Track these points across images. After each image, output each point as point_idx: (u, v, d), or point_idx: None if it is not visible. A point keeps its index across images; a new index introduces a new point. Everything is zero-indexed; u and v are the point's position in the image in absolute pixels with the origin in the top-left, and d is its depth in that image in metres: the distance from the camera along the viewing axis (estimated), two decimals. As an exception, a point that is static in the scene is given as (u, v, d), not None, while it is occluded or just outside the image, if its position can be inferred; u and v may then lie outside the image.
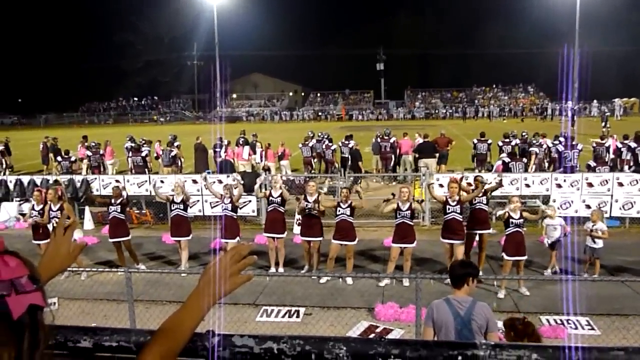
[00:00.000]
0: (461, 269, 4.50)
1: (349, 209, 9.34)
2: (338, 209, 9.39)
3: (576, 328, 7.32)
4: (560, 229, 9.26)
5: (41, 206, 9.98)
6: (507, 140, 17.91)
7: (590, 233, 8.99)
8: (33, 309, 0.93)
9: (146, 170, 17.38)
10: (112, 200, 10.18)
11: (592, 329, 7.28)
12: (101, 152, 19.48)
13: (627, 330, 6.95)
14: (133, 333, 1.12)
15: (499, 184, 9.99)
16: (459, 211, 9.08)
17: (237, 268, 1.14)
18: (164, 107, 78.64)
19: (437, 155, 17.91)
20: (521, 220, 8.68)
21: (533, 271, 9.49)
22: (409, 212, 9.08)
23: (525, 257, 8.69)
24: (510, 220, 8.69)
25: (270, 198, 9.96)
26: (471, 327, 4.22)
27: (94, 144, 20.28)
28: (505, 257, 8.64)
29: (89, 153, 19.44)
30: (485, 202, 9.69)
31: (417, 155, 17.71)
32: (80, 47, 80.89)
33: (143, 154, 17.98)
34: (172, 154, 18.39)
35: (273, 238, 9.91)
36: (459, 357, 1.01)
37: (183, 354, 1.08)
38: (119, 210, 10.06)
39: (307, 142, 19.47)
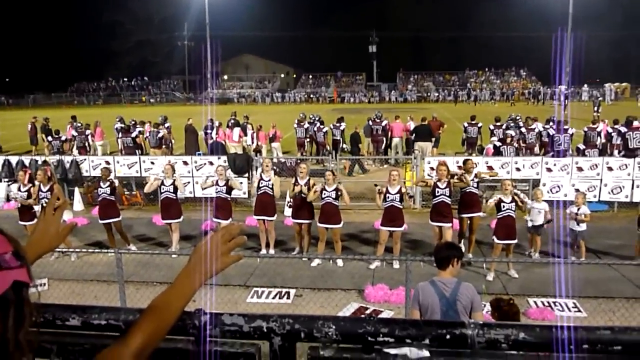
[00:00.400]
0: (446, 251, 4.56)
1: (334, 192, 9.31)
2: (323, 192, 9.35)
3: (563, 310, 7.43)
4: (543, 214, 9.31)
5: (27, 187, 9.88)
6: (499, 124, 17.96)
7: (575, 217, 9.06)
8: (18, 286, 0.92)
9: (136, 151, 17.27)
10: (101, 182, 10.09)
11: (579, 311, 7.39)
12: (87, 132, 19.37)
13: (612, 313, 7.06)
14: (122, 311, 1.12)
15: (493, 175, 10.12)
16: (447, 194, 9.11)
17: (227, 247, 1.14)
18: (154, 88, 77.83)
19: (434, 139, 17.94)
20: (512, 204, 8.71)
21: (522, 254, 9.58)
22: (398, 195, 9.10)
23: (515, 241, 8.76)
24: (502, 204, 8.73)
25: (261, 181, 9.94)
26: (456, 307, 4.29)
27: (79, 125, 20.12)
28: (496, 240, 8.71)
29: (75, 133, 19.34)
30: (475, 185, 9.74)
31: (413, 137, 17.69)
32: (69, 27, 79.58)
33: (133, 135, 17.84)
34: (159, 135, 18.25)
35: (263, 220, 9.91)
36: (448, 336, 1.02)
37: (173, 332, 1.07)
38: (108, 192, 9.97)
39: (302, 124, 19.44)
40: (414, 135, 17.74)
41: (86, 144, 19.04)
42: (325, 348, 1.07)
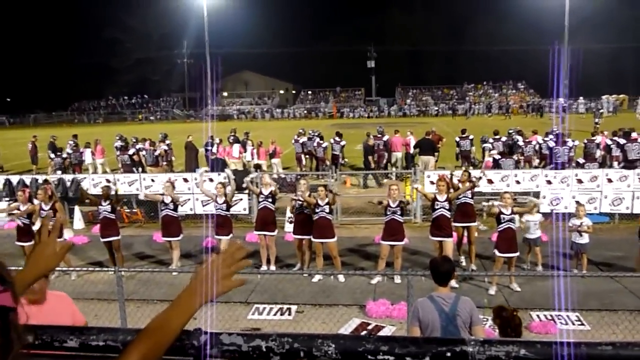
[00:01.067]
0: (446, 265, 4.54)
1: (327, 206, 9.32)
2: (317, 207, 9.31)
3: (566, 323, 7.37)
4: (538, 226, 9.33)
5: (26, 206, 9.85)
6: (497, 137, 18.00)
7: (578, 229, 9.02)
8: (2, 311, 0.91)
9: (133, 169, 17.32)
10: (102, 201, 10.05)
11: (582, 324, 7.33)
12: (82, 150, 19.51)
13: (616, 326, 7.01)
14: (120, 332, 1.11)
15: (479, 178, 10.08)
16: (447, 207, 9.11)
17: (229, 271, 1.13)
18: (154, 106, 78.20)
19: (437, 153, 17.99)
20: (512, 216, 8.66)
21: (523, 268, 9.53)
22: (399, 209, 9.10)
23: (517, 254, 8.69)
24: (502, 216, 8.67)
25: (261, 196, 9.95)
26: (456, 322, 4.26)
27: (72, 142, 20.24)
28: (497, 253, 8.65)
29: (69, 151, 19.53)
30: (470, 196, 9.77)
31: (415, 151, 17.73)
32: (69, 45, 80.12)
33: (130, 152, 17.91)
34: (156, 153, 18.30)
35: (264, 236, 9.90)
36: (448, 354, 1.01)
37: (171, 352, 1.07)
38: (109, 210, 9.94)
39: (298, 139, 19.55)
40: (417, 149, 17.78)
41: (80, 162, 19.34)
42: (325, 367, 1.06)
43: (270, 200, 9.86)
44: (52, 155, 18.71)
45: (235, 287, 1.14)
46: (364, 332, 6.99)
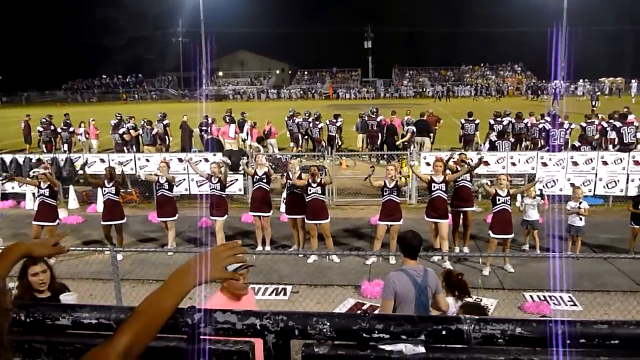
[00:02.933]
0: (417, 240, 4.72)
1: (319, 187, 9.25)
2: (309, 188, 9.25)
3: (559, 304, 7.45)
4: (537, 209, 9.38)
5: (47, 184, 9.51)
6: (499, 119, 17.90)
7: (578, 212, 9.02)
8: None
9: (125, 148, 17.25)
10: (105, 182, 9.79)
11: (575, 304, 7.41)
12: (52, 127, 19.83)
13: (608, 306, 7.09)
14: (113, 310, 1.10)
15: (480, 161, 10.00)
16: (444, 189, 9.11)
17: (226, 261, 1.14)
18: (148, 85, 77.52)
19: (432, 135, 17.89)
20: (508, 197, 8.64)
21: (518, 249, 9.58)
22: (396, 189, 9.09)
23: (511, 235, 8.72)
24: (497, 197, 8.66)
25: (255, 176, 9.90)
26: (427, 293, 4.57)
27: (44, 120, 20.10)
28: (492, 235, 8.66)
29: (40, 129, 19.53)
30: (469, 179, 9.77)
31: (414, 130, 17.58)
32: (62, 24, 79.03)
33: (120, 132, 17.80)
34: (154, 132, 18.17)
35: (259, 217, 9.88)
36: (443, 332, 1.01)
37: (165, 330, 1.06)
38: (113, 192, 9.70)
39: (294, 118, 19.51)
40: (415, 127, 17.65)
41: (52, 139, 19.71)
42: (319, 345, 1.06)
43: (264, 181, 9.83)
44: (40, 131, 18.93)
45: (228, 278, 1.14)
46: (358, 312, 7.05)
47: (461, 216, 9.75)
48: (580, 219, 9.03)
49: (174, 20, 72.78)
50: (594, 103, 31.71)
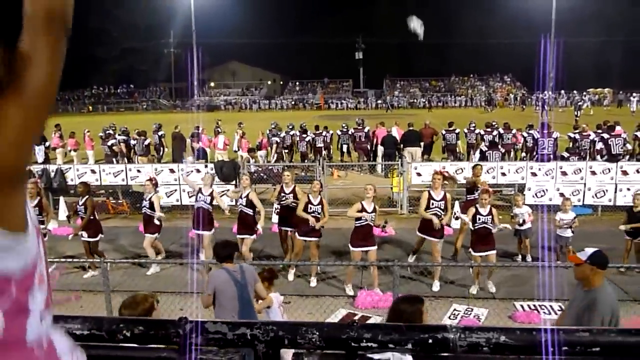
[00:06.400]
0: (228, 249, 5.43)
1: (320, 206, 8.81)
2: (309, 206, 8.78)
3: (549, 313, 7.49)
4: (527, 217, 9.39)
5: (36, 201, 9.02)
6: (489, 129, 18.06)
7: (571, 225, 9.00)
8: None
9: (113, 160, 17.21)
10: (79, 200, 9.37)
11: (565, 314, 7.44)
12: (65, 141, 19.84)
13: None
14: (105, 321, 1.11)
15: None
16: (442, 207, 8.66)
17: None
18: (140, 96, 77.40)
19: (423, 144, 17.93)
20: (489, 217, 8.28)
21: (506, 260, 9.62)
22: (374, 214, 8.45)
23: (494, 252, 8.35)
24: (477, 216, 8.31)
25: (239, 199, 9.33)
26: (248, 289, 5.18)
27: None
28: (473, 252, 8.37)
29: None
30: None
31: (401, 146, 17.54)
32: (53, 34, 78.64)
33: (109, 143, 17.77)
34: (146, 142, 18.14)
35: (242, 239, 9.29)
36: (430, 340, 1.03)
37: (156, 341, 1.07)
38: (82, 211, 9.29)
39: (279, 133, 19.23)
40: (402, 143, 17.62)
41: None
42: (309, 354, 1.07)
43: (245, 204, 9.16)
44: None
45: None
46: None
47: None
48: (572, 231, 9.06)
49: (165, 31, 72.94)
50: (576, 113, 32.12)
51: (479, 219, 8.32)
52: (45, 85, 0.91)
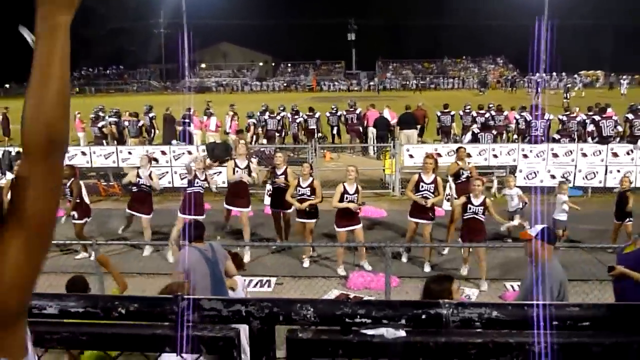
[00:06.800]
0: (195, 230, 5.53)
1: (308, 188, 8.82)
2: (298, 188, 8.84)
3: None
4: (516, 199, 9.39)
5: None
6: (482, 111, 18.07)
7: (570, 205, 9.00)
8: None
9: (104, 141, 17.07)
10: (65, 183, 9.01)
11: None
12: None
13: (586, 294, 7.24)
14: (100, 299, 1.12)
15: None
16: (432, 190, 8.55)
17: None
18: (130, 77, 76.57)
19: (418, 127, 17.94)
20: (481, 207, 7.96)
21: (496, 241, 9.70)
22: (356, 195, 8.46)
23: (484, 244, 8.07)
24: (469, 205, 8.02)
25: (236, 168, 9.35)
26: (219, 267, 5.29)
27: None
28: (461, 242, 8.27)
29: None
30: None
31: (397, 128, 17.51)
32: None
33: (100, 125, 17.60)
34: (140, 124, 17.99)
35: (229, 210, 9.35)
36: (423, 316, 1.04)
37: (151, 318, 1.08)
38: (69, 194, 9.05)
39: (272, 115, 18.98)
40: (399, 125, 17.55)
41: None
42: (303, 330, 1.09)
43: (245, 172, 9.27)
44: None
45: None
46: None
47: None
48: (565, 212, 9.11)
49: (155, 12, 71.98)
50: (566, 95, 32.24)
51: (470, 209, 8.02)
52: (45, 211, 0.91)
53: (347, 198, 8.45)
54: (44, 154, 0.90)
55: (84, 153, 13.97)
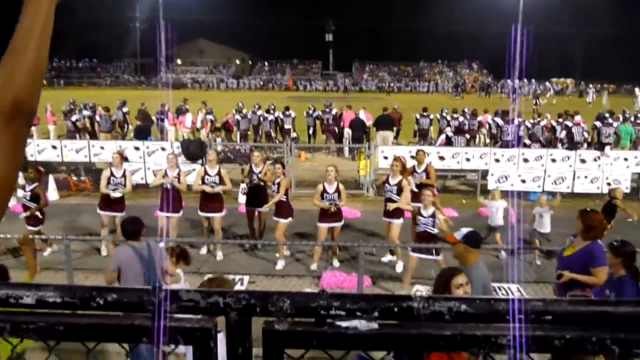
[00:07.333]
0: (132, 226, 5.48)
1: (276, 186, 8.88)
2: (273, 186, 8.96)
3: (507, 294, 7.76)
4: (501, 212, 9.13)
5: (33, 186, 8.53)
6: (455, 116, 18.34)
7: (552, 204, 9.02)
8: None
9: (77, 135, 16.78)
10: (25, 185, 8.59)
11: (522, 294, 7.73)
12: None
13: (552, 296, 7.43)
14: (77, 289, 1.12)
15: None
16: (395, 192, 8.58)
17: None
18: (104, 71, 75.25)
19: (395, 128, 18.11)
20: (431, 219, 7.45)
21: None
22: (336, 194, 8.47)
23: (439, 257, 7.54)
24: (418, 217, 7.57)
25: (206, 176, 9.08)
26: (154, 266, 5.25)
27: None
28: (410, 252, 7.71)
29: None
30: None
31: (374, 129, 17.65)
32: (10, 3, 75.56)
33: (73, 119, 17.29)
34: (112, 118, 17.73)
35: (207, 218, 9.18)
36: (395, 309, 1.08)
37: (130, 308, 1.08)
38: (28, 198, 8.57)
39: (244, 114, 18.91)
40: (375, 126, 17.69)
41: None
42: (279, 322, 1.11)
43: (216, 180, 9.06)
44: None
45: None
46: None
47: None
48: (543, 223, 9.05)
49: (131, 5, 70.86)
50: (535, 102, 32.98)
51: (420, 221, 7.57)
52: (5, 173, 0.92)
53: (326, 197, 8.51)
54: (7, 119, 0.92)
55: (54, 147, 13.70)
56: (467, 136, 16.23)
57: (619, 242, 4.92)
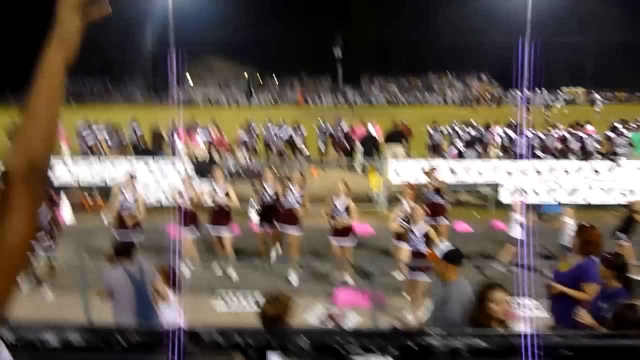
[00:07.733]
0: (123, 247, 5.56)
1: (298, 195, 9.00)
2: (288, 194, 9.02)
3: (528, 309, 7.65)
4: (519, 226, 9.09)
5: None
6: (466, 128, 18.31)
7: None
8: None
9: (91, 156, 16.93)
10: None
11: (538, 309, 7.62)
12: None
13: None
14: (102, 331, 1.14)
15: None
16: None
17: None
18: (114, 89, 76.14)
19: (405, 142, 18.11)
20: (424, 239, 6.99)
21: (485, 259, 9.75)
22: (347, 212, 8.29)
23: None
24: (410, 234, 7.18)
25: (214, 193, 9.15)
26: (146, 287, 5.27)
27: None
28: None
29: None
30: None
31: (385, 144, 17.69)
32: (20, 24, 76.99)
33: (89, 143, 17.49)
34: (125, 137, 17.90)
35: (219, 237, 9.15)
36: (415, 347, 1.08)
37: (153, 349, 1.10)
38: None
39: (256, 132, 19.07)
40: (387, 141, 17.72)
41: None
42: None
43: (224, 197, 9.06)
44: None
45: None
46: (328, 319, 7.07)
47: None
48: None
49: (142, 24, 71.80)
50: (546, 113, 32.80)
51: (411, 239, 7.14)
52: (23, 234, 0.94)
53: (335, 213, 8.42)
54: (23, 179, 0.95)
55: (67, 167, 13.83)
56: (479, 149, 16.16)
57: (612, 255, 4.87)
